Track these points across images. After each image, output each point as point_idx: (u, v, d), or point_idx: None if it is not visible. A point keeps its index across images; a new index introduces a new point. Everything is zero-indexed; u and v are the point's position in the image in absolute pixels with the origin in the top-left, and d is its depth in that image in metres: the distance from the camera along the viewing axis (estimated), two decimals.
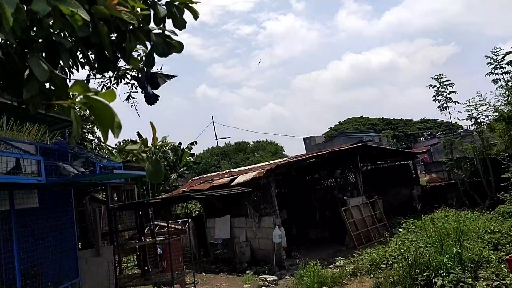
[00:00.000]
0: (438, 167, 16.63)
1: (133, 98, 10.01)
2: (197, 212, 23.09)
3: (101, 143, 17.06)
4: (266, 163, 14.15)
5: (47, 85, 1.47)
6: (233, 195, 12.06)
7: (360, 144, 12.07)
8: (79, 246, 7.72)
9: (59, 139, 7.19)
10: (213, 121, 27.49)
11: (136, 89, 10.80)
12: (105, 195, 8.50)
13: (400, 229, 11.24)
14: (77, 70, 1.87)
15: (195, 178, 19.67)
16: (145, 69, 2.18)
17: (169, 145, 23.39)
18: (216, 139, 24.71)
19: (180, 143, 24.42)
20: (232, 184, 11.14)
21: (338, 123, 62.72)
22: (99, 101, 1.00)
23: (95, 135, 16.28)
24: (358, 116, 62.46)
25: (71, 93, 1.34)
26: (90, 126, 15.22)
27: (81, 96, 1.02)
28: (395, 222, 12.74)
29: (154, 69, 2.28)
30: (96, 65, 1.78)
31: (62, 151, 6.69)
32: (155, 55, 1.86)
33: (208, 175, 19.72)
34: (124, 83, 10.62)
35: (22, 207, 6.34)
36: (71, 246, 7.41)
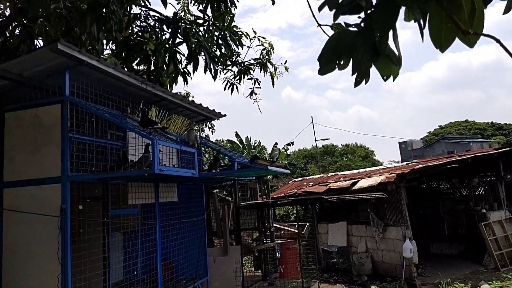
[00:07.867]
0: None
1: (256, 94, 9.65)
2: (294, 215, 22.44)
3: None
4: (388, 166, 12.92)
5: None
6: (351, 200, 11.14)
7: (507, 148, 10.24)
8: None
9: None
10: (312, 122, 26.61)
11: (259, 84, 10.13)
12: (233, 193, 8.24)
13: None
14: None
15: (296, 179, 19.09)
16: None
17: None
18: (315, 140, 23.85)
19: (276, 143, 24.11)
20: (353, 188, 10.22)
21: (438, 127, 57.38)
22: None
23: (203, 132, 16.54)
24: (463, 120, 56.35)
25: None
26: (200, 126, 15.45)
27: None
28: None
29: None
30: None
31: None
32: None
33: (312, 177, 18.93)
34: (247, 79, 10.04)
35: (165, 200, 6.27)
36: (202, 244, 7.24)
